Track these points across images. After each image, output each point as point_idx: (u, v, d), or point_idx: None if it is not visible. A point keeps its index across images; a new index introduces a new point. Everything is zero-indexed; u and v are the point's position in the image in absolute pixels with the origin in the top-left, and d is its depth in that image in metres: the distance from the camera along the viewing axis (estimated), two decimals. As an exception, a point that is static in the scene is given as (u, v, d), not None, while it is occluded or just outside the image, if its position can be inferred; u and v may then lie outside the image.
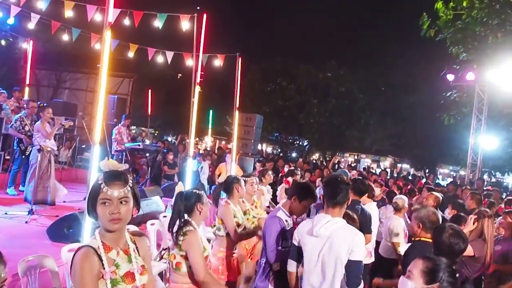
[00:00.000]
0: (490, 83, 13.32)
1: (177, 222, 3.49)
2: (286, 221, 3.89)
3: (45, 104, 10.20)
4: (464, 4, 13.70)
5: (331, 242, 3.18)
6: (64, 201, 8.52)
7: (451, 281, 2.15)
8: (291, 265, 3.53)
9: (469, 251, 3.98)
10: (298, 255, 3.44)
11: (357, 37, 31.77)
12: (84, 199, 8.02)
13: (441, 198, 6.36)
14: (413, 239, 3.90)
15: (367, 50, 31.25)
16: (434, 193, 6.71)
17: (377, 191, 7.73)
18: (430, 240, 3.34)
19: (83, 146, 14.21)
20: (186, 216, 3.51)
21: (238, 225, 4.85)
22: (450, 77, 13.98)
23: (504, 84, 12.69)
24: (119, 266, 2.18)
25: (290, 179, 8.68)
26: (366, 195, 5.75)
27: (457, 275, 2.17)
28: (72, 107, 15.08)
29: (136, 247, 2.34)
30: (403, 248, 5.31)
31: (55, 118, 8.11)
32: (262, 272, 3.86)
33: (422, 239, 3.68)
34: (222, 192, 4.87)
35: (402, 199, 6.36)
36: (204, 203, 3.61)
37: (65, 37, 12.31)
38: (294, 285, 3.57)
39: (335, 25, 30.15)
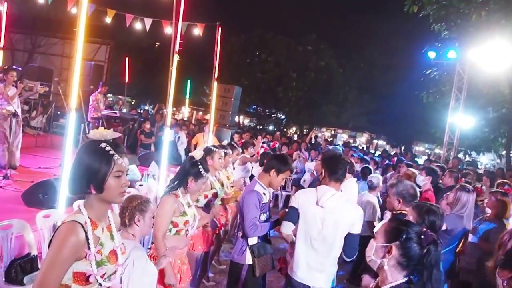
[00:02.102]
0: (471, 62, 13.28)
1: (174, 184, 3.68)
2: (264, 193, 3.86)
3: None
4: None
5: (336, 214, 3.39)
6: (40, 167, 8.46)
7: (415, 240, 2.09)
8: (288, 227, 3.61)
9: None
10: (296, 218, 3.57)
11: (338, 11, 31.59)
12: (60, 165, 7.98)
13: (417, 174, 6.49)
14: (393, 212, 3.96)
15: (348, 25, 31.11)
16: (412, 169, 6.84)
17: (357, 167, 7.71)
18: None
19: (58, 113, 14.00)
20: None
21: (216, 195, 4.93)
22: (432, 54, 13.95)
23: (485, 64, 12.64)
24: (103, 244, 2.02)
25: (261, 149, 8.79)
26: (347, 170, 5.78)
27: (422, 236, 2.09)
28: (48, 72, 14.78)
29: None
30: (377, 226, 5.32)
31: (18, 83, 7.95)
32: (239, 246, 3.86)
33: (403, 212, 3.77)
34: None
35: (376, 178, 6.31)
36: (196, 182, 3.70)
37: (41, 0, 11.98)
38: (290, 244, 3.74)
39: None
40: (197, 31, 12.10)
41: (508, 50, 11.96)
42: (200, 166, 3.72)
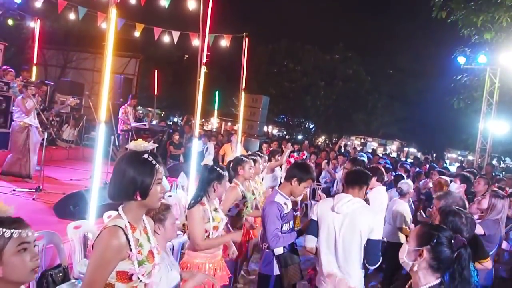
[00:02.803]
0: (502, 67, 13.02)
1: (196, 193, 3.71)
2: (285, 203, 3.80)
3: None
4: None
5: (352, 219, 3.36)
6: (71, 179, 8.62)
7: (446, 244, 2.17)
8: (311, 241, 3.63)
9: (479, 229, 3.98)
10: (317, 230, 3.57)
11: (365, 19, 31.27)
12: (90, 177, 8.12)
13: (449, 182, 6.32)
14: None
15: (376, 32, 30.74)
16: (444, 177, 6.67)
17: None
18: None
19: (89, 126, 14.28)
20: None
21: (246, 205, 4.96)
22: (461, 60, 13.69)
23: (517, 68, 12.26)
24: (142, 246, 2.17)
25: (291, 159, 8.73)
26: (375, 178, 5.70)
27: (453, 240, 2.17)
28: (79, 87, 15.10)
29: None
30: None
31: (36, 95, 8.21)
32: (265, 258, 3.82)
33: None
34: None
35: (407, 184, 6.25)
36: (221, 184, 3.74)
37: (72, 16, 12.34)
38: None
39: (343, 7, 29.72)
40: (224, 42, 12.20)
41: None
42: (217, 169, 3.76)
